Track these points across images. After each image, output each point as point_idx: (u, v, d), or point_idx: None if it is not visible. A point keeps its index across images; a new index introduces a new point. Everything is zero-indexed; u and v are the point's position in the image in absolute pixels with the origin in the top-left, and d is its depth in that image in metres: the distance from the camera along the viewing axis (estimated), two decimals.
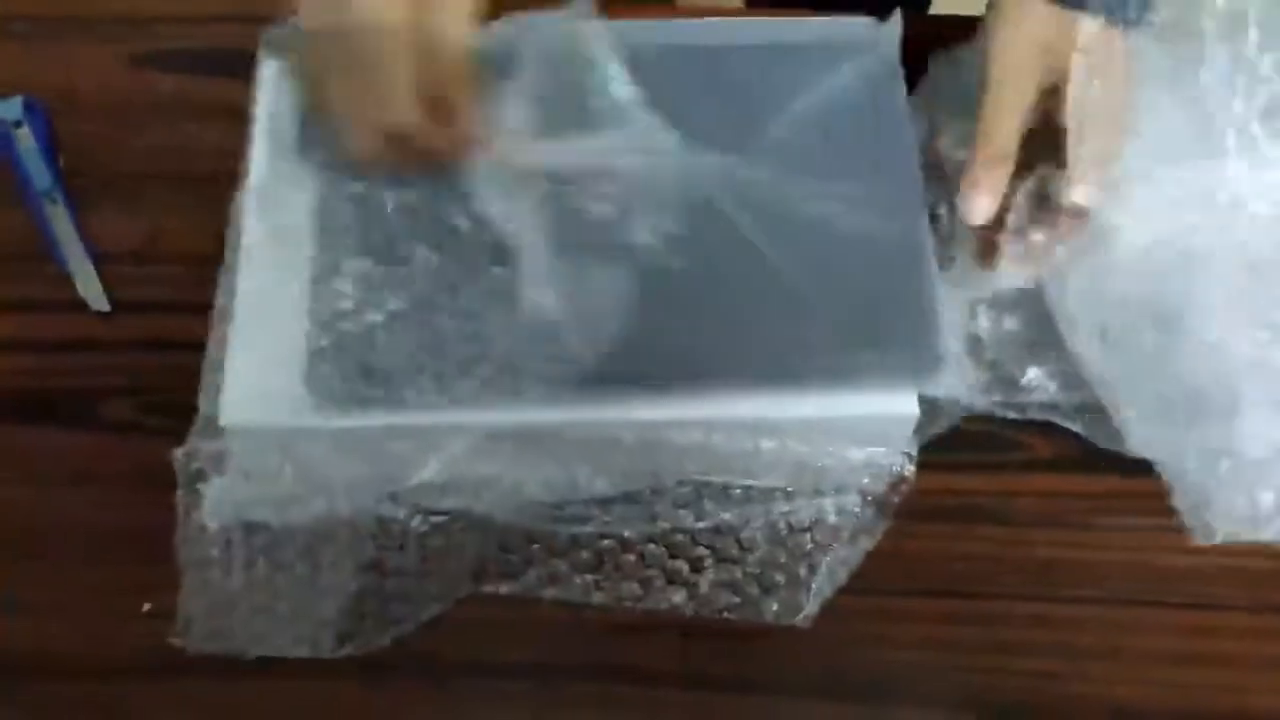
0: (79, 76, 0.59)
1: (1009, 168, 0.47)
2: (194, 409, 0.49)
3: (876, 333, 0.47)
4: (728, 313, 0.48)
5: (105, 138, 0.57)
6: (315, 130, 0.49)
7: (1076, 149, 0.46)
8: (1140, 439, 0.50)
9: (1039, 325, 0.51)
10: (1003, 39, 0.47)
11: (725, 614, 0.48)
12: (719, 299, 0.48)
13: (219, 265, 0.50)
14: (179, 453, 0.49)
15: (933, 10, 0.70)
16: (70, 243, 0.54)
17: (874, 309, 0.48)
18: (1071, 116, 0.47)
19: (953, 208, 0.48)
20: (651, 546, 0.49)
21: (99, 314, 0.53)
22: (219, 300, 0.49)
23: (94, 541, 0.49)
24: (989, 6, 0.49)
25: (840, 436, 0.48)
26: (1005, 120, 0.47)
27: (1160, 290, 0.50)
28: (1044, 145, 0.47)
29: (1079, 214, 0.47)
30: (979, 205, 0.46)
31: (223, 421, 0.46)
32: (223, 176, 0.50)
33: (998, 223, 0.47)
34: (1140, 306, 0.50)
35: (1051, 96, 0.47)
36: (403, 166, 0.47)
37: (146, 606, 0.48)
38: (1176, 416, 0.51)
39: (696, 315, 0.48)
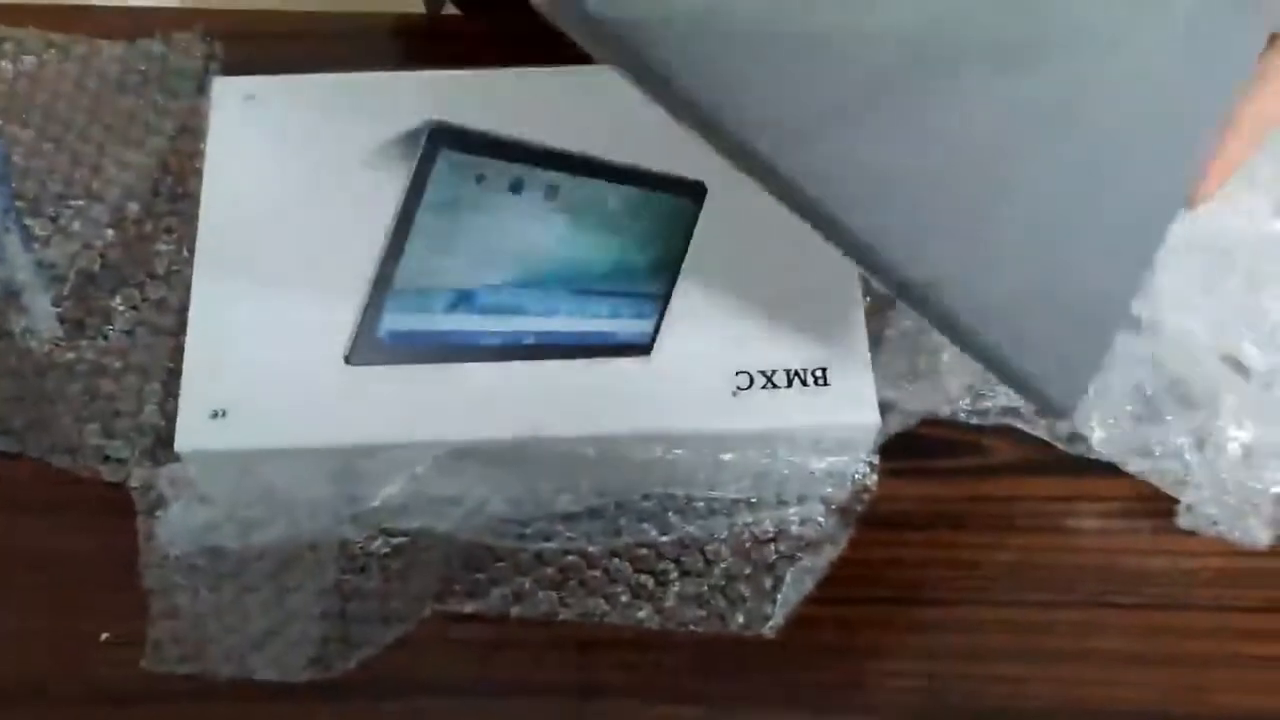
0: None
1: None
2: (152, 433, 0.49)
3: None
4: None
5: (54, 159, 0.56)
6: None
7: (1229, 146, 0.45)
8: (1103, 439, 0.50)
9: None
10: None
11: (692, 628, 0.48)
12: None
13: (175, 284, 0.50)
14: (136, 479, 0.48)
15: None
16: (23, 267, 0.53)
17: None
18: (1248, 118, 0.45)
19: None
20: (616, 561, 0.49)
21: (53, 338, 0.52)
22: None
23: (52, 569, 0.49)
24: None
25: (801, 446, 0.48)
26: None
27: None
28: None
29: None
30: None
31: (178, 447, 0.46)
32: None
33: None
34: None
35: None
36: None
37: (104, 636, 0.47)
38: (1143, 414, 0.51)
39: None
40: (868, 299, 0.49)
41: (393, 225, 0.49)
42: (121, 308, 0.52)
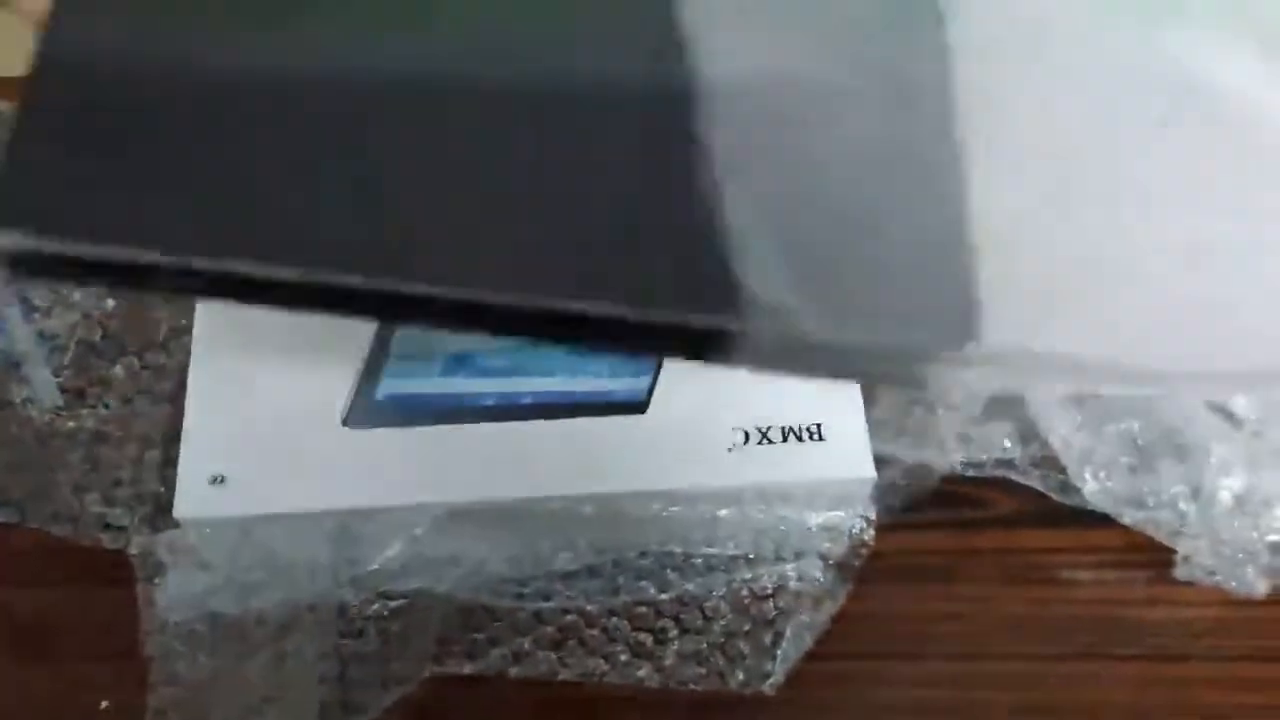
0: None
1: None
2: (151, 500, 0.49)
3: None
4: None
5: None
6: None
7: None
8: (1096, 490, 0.50)
9: None
10: None
11: (692, 686, 0.47)
12: None
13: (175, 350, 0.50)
14: (136, 546, 0.48)
15: None
16: (23, 338, 0.54)
17: None
18: None
19: None
20: (615, 620, 0.49)
21: (54, 408, 0.53)
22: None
23: (51, 638, 0.49)
24: None
25: (798, 501, 0.48)
26: None
27: None
28: None
29: None
30: None
31: (177, 513, 0.46)
32: None
33: None
34: None
35: None
36: None
37: (104, 704, 0.47)
38: (1137, 464, 0.51)
39: None
40: None
41: None
42: (122, 376, 0.53)
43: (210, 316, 0.50)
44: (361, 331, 0.49)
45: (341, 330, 0.49)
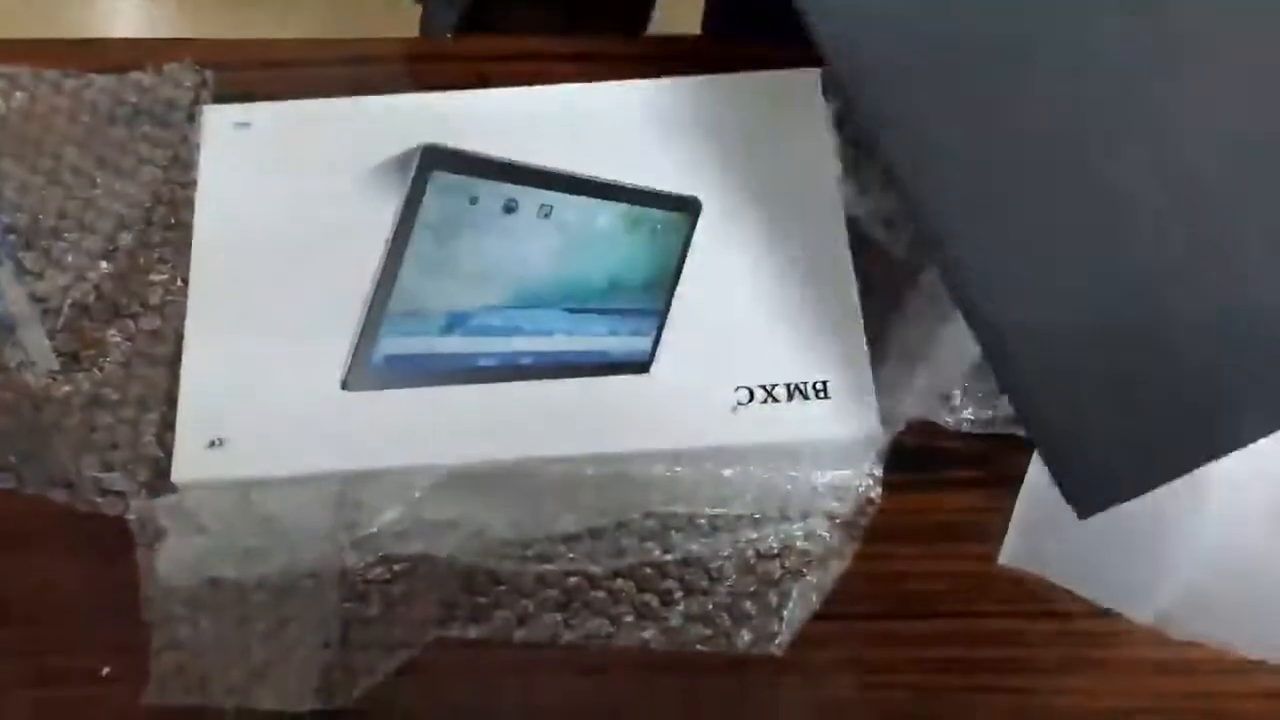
0: None
1: None
2: (150, 464, 0.49)
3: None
4: None
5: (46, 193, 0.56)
6: None
7: None
8: None
9: None
10: None
11: (698, 647, 0.47)
12: None
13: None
14: (135, 511, 0.48)
15: None
16: (16, 301, 0.53)
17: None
18: None
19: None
20: (620, 582, 0.48)
21: (49, 372, 0.52)
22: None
23: (52, 604, 0.48)
24: None
25: (804, 460, 0.47)
26: None
27: None
28: None
29: None
30: None
31: (175, 477, 0.46)
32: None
33: None
34: None
35: None
36: None
37: (105, 670, 0.47)
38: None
39: None
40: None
41: (386, 249, 0.48)
42: (117, 339, 0.52)
43: (205, 279, 0.49)
44: (360, 291, 0.48)
45: (340, 290, 0.48)
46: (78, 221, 0.54)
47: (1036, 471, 0.46)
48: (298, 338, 0.48)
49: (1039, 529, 0.47)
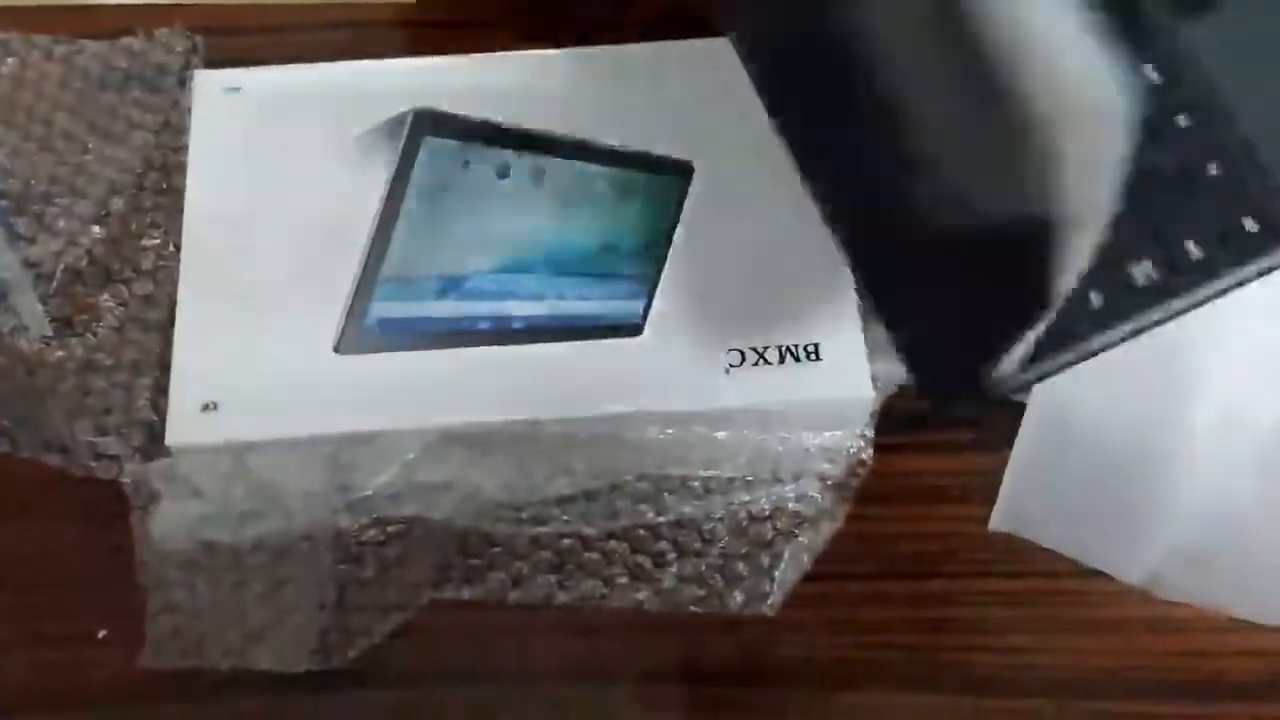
0: None
1: None
2: (144, 428, 0.49)
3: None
4: None
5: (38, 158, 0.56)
6: None
7: None
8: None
9: None
10: None
11: (691, 608, 0.47)
12: None
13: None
14: (129, 475, 0.48)
15: None
16: (9, 265, 0.53)
17: None
18: None
19: None
20: (613, 543, 0.48)
21: (42, 336, 0.52)
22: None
23: (46, 568, 0.48)
24: None
25: (795, 422, 0.47)
26: None
27: None
28: None
29: None
30: None
31: (169, 441, 0.46)
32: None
33: None
34: None
35: None
36: None
37: (102, 634, 0.47)
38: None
39: None
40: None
41: (379, 213, 0.48)
42: (110, 304, 0.52)
43: (198, 243, 0.49)
44: (352, 255, 0.48)
45: (332, 254, 0.48)
46: (69, 187, 0.54)
47: (1028, 436, 0.46)
48: (290, 301, 0.48)
49: (1029, 494, 0.47)
